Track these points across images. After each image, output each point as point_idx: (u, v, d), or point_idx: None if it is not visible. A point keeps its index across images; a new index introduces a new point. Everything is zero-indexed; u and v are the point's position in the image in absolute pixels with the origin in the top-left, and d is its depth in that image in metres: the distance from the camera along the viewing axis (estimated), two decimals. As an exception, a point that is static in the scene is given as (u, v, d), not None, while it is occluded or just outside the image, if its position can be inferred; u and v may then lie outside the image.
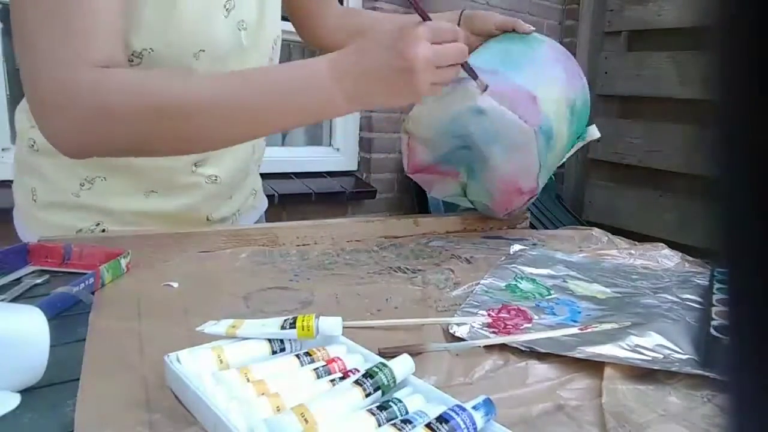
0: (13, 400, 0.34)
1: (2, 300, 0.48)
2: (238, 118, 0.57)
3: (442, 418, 0.30)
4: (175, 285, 0.55)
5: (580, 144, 0.84)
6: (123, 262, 0.57)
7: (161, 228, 0.71)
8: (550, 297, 0.57)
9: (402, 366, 0.35)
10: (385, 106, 0.63)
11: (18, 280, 0.54)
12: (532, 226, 0.95)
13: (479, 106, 0.69)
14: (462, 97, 0.70)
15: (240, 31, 0.69)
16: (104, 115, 0.54)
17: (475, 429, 0.30)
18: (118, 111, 0.54)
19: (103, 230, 0.70)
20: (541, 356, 0.44)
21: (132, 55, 0.61)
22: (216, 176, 0.75)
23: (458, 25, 0.84)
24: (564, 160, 0.83)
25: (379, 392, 0.33)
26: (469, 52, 0.83)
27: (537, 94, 0.71)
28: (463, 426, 0.29)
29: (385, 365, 0.34)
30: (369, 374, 0.33)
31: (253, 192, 0.87)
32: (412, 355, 0.37)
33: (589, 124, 0.85)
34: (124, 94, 0.54)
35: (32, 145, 0.70)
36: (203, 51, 0.65)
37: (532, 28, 0.80)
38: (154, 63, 0.62)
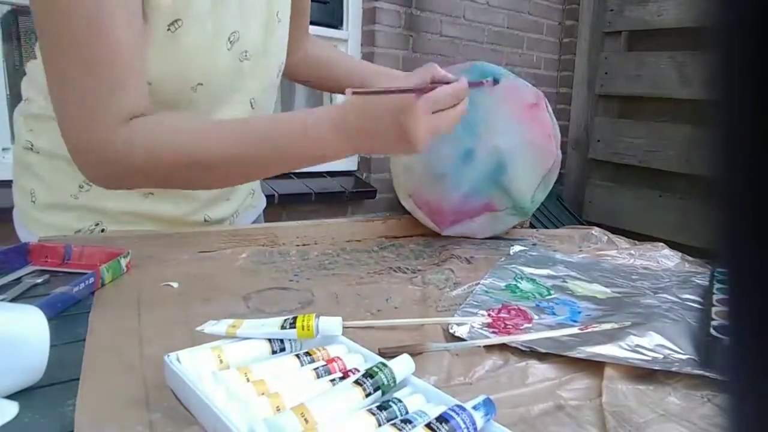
0: (12, 409, 0.33)
1: (2, 300, 0.48)
2: (252, 170, 0.63)
3: (442, 418, 0.30)
4: (175, 285, 0.55)
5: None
6: (123, 262, 0.57)
7: (160, 228, 0.71)
8: (550, 297, 0.57)
9: (402, 366, 0.35)
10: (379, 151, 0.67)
11: (18, 280, 0.54)
12: (532, 226, 0.95)
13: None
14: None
15: (242, 62, 0.70)
16: (131, 172, 0.58)
17: (475, 429, 0.30)
18: (143, 168, 0.58)
19: (102, 230, 0.70)
20: (541, 356, 0.44)
21: None
22: None
23: None
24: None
25: (379, 392, 0.33)
26: None
27: None
28: (463, 426, 0.29)
29: (385, 365, 0.34)
30: (369, 374, 0.33)
31: (251, 192, 0.87)
32: (412, 355, 0.37)
33: (590, 123, 0.84)
34: (149, 153, 0.57)
35: (30, 148, 0.70)
36: (201, 84, 0.66)
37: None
38: (151, 95, 0.62)
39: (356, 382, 0.33)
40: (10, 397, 0.34)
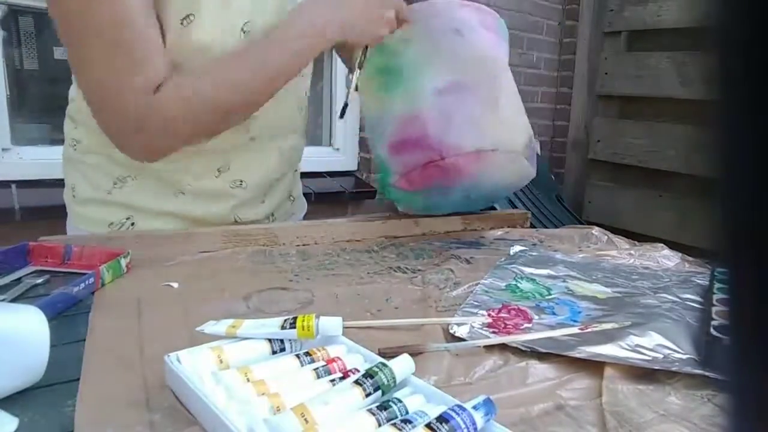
0: (11, 424, 0.33)
1: (2, 300, 0.48)
2: (262, 82, 0.66)
3: (442, 418, 0.30)
4: (175, 285, 0.55)
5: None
6: (123, 262, 0.57)
7: (189, 228, 0.73)
8: (550, 297, 0.57)
9: (402, 366, 0.35)
10: (357, 33, 0.70)
11: (18, 280, 0.54)
12: (532, 226, 0.95)
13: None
14: None
15: None
16: (168, 127, 0.63)
17: (475, 429, 0.30)
18: (179, 121, 0.63)
19: (133, 224, 0.73)
20: (541, 356, 0.44)
21: None
22: (242, 181, 0.76)
23: None
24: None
25: (379, 392, 0.33)
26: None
27: None
28: (463, 426, 0.29)
29: (385, 365, 0.34)
30: (369, 374, 0.33)
31: (290, 198, 0.88)
32: (412, 355, 0.37)
33: (590, 123, 0.84)
34: (179, 107, 0.62)
35: (74, 146, 0.74)
36: None
37: None
38: None
39: (356, 382, 0.33)
40: (10, 397, 0.34)
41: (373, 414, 0.31)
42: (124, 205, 0.72)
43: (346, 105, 0.73)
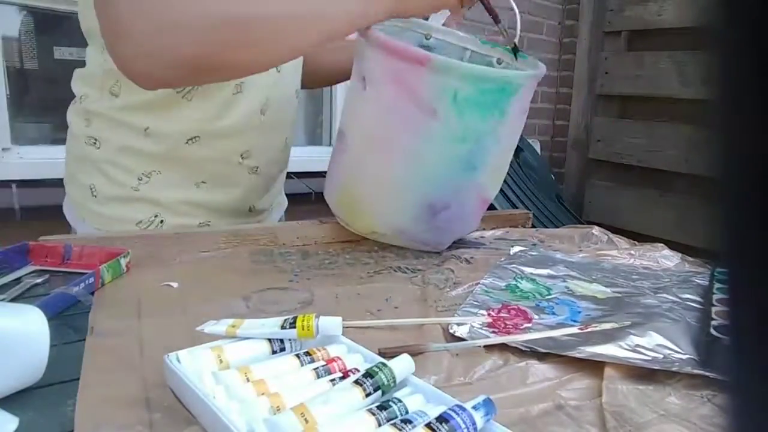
0: (11, 424, 0.33)
1: (2, 300, 0.48)
2: (292, 28, 0.58)
3: (442, 418, 0.30)
4: (175, 285, 0.55)
5: None
6: (123, 262, 0.57)
7: (211, 218, 0.76)
8: (550, 297, 0.57)
9: (402, 366, 0.35)
10: (422, 6, 0.65)
11: (18, 280, 0.54)
12: (533, 226, 0.95)
13: None
14: None
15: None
16: (171, 26, 0.53)
17: (475, 429, 0.30)
18: (183, 21, 0.53)
19: (162, 221, 0.73)
20: (541, 356, 0.44)
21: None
22: (257, 167, 0.78)
23: None
24: None
25: (379, 392, 0.33)
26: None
27: None
28: (463, 426, 0.29)
29: (385, 365, 0.34)
30: (369, 374, 0.33)
31: (280, 191, 0.92)
32: (412, 355, 0.37)
33: (590, 123, 0.83)
34: (188, 7, 0.53)
35: (93, 143, 0.73)
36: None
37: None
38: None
39: (356, 382, 0.33)
40: (10, 397, 0.34)
41: (373, 414, 0.31)
42: (151, 201, 0.73)
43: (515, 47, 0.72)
